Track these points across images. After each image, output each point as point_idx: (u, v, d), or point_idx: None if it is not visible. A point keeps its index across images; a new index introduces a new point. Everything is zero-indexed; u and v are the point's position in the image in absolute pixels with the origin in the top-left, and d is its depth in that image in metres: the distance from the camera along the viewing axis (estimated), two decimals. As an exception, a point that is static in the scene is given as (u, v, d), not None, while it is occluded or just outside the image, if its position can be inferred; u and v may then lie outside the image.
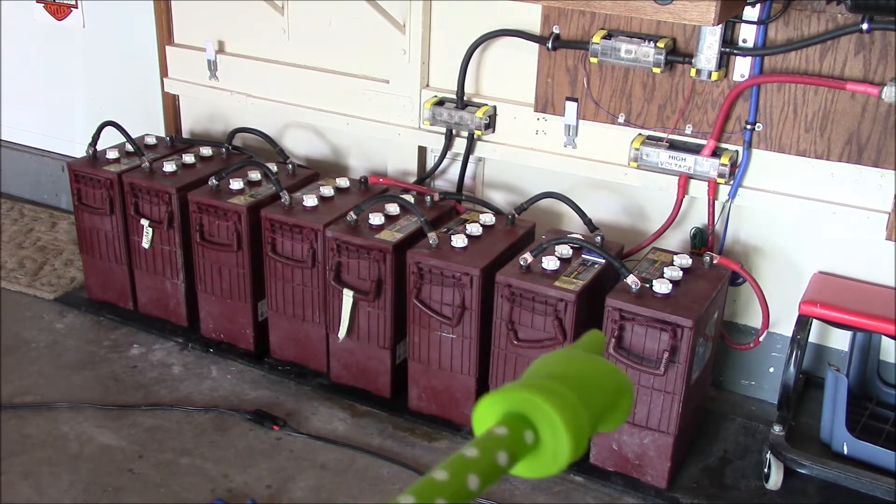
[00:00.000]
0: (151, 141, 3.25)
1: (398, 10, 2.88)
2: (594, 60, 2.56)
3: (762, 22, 2.38)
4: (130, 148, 3.12)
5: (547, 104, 2.76)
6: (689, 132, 2.58)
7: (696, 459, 2.56)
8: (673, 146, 2.59)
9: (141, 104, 3.58)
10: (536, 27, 2.69)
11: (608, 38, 2.52)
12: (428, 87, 2.96)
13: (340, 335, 2.71)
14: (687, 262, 2.47)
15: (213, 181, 2.87)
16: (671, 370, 2.26)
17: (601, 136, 2.71)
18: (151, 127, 3.49)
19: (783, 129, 2.47)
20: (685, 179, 2.59)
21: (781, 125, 2.47)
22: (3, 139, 4.07)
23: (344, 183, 2.95)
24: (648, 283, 2.33)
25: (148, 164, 3.02)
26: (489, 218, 2.71)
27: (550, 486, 2.45)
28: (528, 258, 2.42)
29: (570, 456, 0.70)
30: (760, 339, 2.64)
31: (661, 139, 2.61)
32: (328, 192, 2.86)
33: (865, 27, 2.22)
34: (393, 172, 3.11)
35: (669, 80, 2.56)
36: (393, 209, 2.73)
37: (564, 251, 2.49)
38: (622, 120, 2.66)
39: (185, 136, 3.57)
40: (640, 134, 2.64)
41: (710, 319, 2.39)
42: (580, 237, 2.53)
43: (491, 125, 2.86)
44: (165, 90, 3.50)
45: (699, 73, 2.46)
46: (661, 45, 2.46)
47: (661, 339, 2.25)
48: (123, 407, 2.71)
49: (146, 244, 3.00)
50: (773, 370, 2.77)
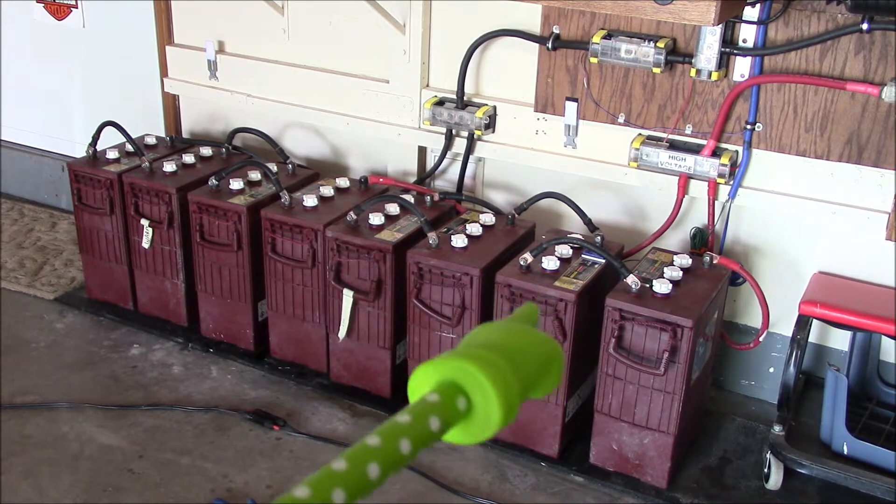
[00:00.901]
0: (151, 141, 3.25)
1: (398, 10, 2.88)
2: (594, 60, 2.56)
3: (762, 22, 2.38)
4: (130, 148, 3.12)
5: (547, 104, 2.76)
6: (689, 132, 2.58)
7: (696, 459, 2.56)
8: (673, 146, 2.59)
9: (141, 104, 3.58)
10: (536, 27, 2.69)
11: (608, 38, 2.52)
12: (428, 87, 2.96)
13: (340, 335, 2.71)
14: (687, 262, 2.47)
15: (213, 181, 2.87)
16: (671, 370, 2.27)
17: (601, 136, 2.71)
18: (151, 127, 3.49)
19: (783, 129, 2.47)
20: (685, 179, 2.60)
21: (781, 125, 2.47)
22: (3, 139, 4.07)
23: (344, 183, 2.95)
24: (648, 283, 2.33)
25: (148, 164, 3.02)
26: (489, 218, 2.70)
27: (550, 485, 2.45)
28: (528, 258, 2.42)
29: (501, 422, 0.72)
30: (760, 339, 2.64)
31: (661, 139, 2.61)
32: (328, 192, 2.86)
33: (865, 27, 2.22)
34: (393, 172, 3.11)
35: (669, 80, 2.56)
36: (393, 209, 2.73)
37: (564, 251, 2.49)
38: (622, 120, 2.66)
39: (185, 136, 3.57)
40: (640, 134, 2.64)
41: (710, 319, 2.39)
42: (580, 237, 2.53)
43: (491, 125, 2.86)
44: (165, 90, 3.50)
45: (699, 73, 2.46)
46: (661, 45, 2.46)
47: (661, 339, 2.25)
48: (123, 407, 2.71)
49: (146, 244, 3.00)
50: (773, 370, 2.77)
